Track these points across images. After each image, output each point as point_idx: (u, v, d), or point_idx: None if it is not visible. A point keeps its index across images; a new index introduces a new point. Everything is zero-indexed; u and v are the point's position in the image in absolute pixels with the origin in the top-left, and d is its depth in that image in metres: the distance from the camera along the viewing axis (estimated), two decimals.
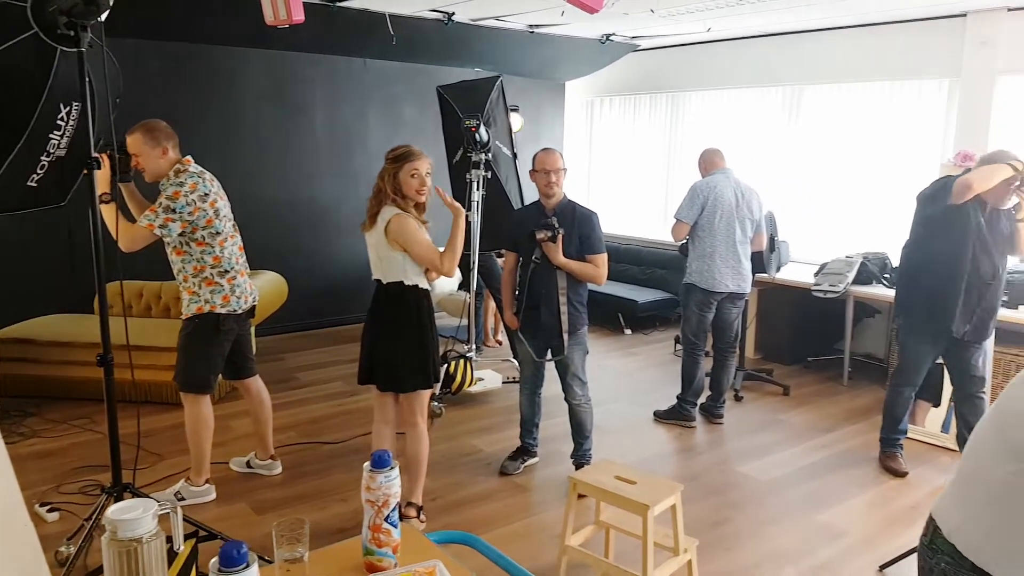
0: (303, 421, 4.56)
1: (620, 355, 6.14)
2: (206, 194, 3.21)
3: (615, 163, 7.98)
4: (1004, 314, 4.17)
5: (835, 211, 6.11)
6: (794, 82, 6.19)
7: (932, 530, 1.51)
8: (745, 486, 3.80)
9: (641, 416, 4.74)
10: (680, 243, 4.63)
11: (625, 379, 5.52)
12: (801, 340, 5.92)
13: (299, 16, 3.49)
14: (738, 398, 5.08)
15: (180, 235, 3.19)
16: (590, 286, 3.67)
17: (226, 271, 3.34)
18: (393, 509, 1.49)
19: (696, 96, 7.02)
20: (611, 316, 6.83)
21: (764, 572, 3.02)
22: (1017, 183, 3.33)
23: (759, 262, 4.91)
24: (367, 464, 1.49)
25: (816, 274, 5.43)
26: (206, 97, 5.86)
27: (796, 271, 5.81)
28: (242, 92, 6.03)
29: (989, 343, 3.84)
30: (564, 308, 3.54)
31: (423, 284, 3.17)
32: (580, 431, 3.80)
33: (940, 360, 3.90)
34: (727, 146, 6.73)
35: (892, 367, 4.71)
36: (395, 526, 1.50)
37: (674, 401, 4.69)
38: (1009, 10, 4.88)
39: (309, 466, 3.87)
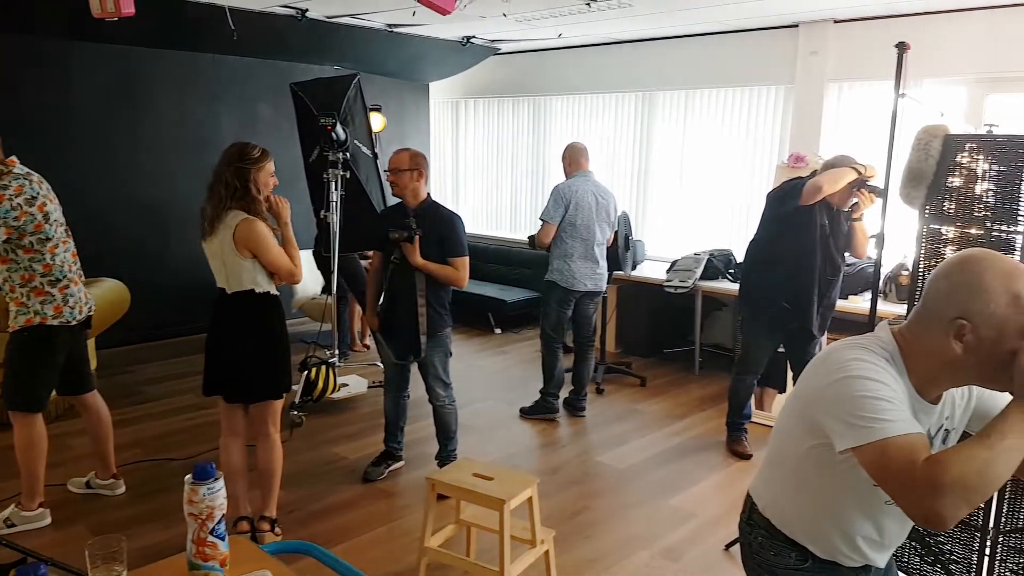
0: (149, 437, 4.29)
1: (490, 354, 6.19)
2: (33, 197, 2.98)
3: (482, 164, 8.04)
4: (838, 304, 4.53)
5: (685, 211, 6.45)
6: (647, 88, 6.48)
7: (749, 507, 1.61)
8: (604, 475, 3.92)
9: (508, 414, 4.80)
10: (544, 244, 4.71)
11: (494, 378, 5.57)
12: (657, 333, 6.20)
13: (128, 9, 3.26)
14: (599, 391, 5.25)
15: (5, 242, 2.95)
16: (454, 288, 3.65)
17: (57, 280, 3.10)
18: (219, 521, 1.43)
19: (557, 100, 7.20)
20: (481, 316, 6.88)
21: (619, 557, 3.13)
22: (859, 185, 3.62)
23: (615, 260, 5.11)
24: (188, 477, 1.43)
25: (668, 271, 5.70)
26: (42, 94, 5.40)
27: (651, 268, 6.08)
28: (82, 88, 5.60)
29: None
30: (422, 310, 3.51)
31: (273, 291, 3.05)
32: (445, 432, 3.79)
33: (781, 349, 4.19)
34: (588, 150, 7.01)
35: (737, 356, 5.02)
36: (222, 538, 1.44)
37: (538, 396, 4.79)
38: (836, 21, 5.32)
39: (155, 484, 3.64)
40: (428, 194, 3.63)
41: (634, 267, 5.93)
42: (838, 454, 1.31)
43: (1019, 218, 2.49)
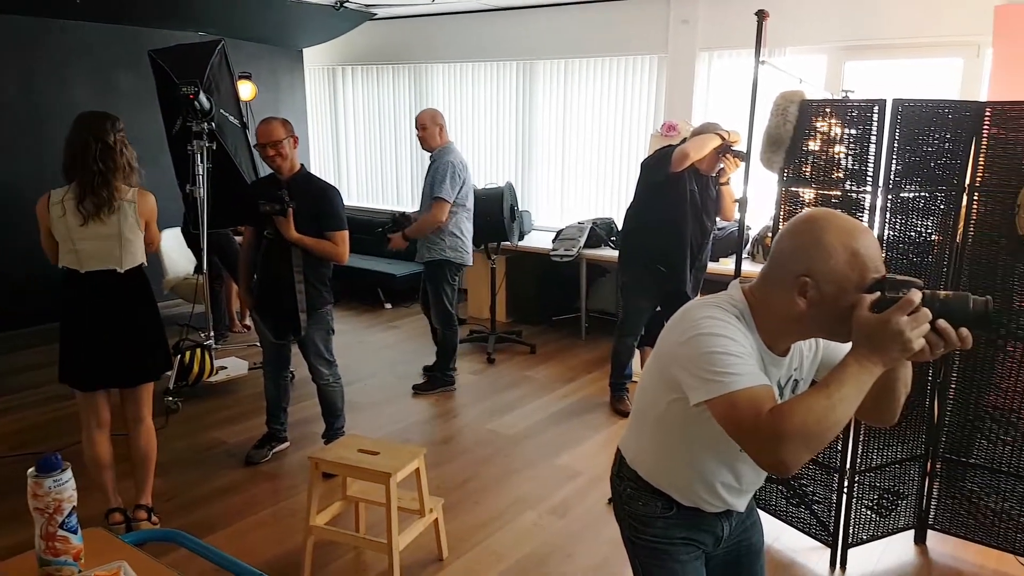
0: (8, 432, 3.98)
1: (380, 329, 6.09)
2: None
3: (363, 134, 7.83)
4: (709, 266, 4.73)
5: (569, 180, 6.54)
6: (527, 56, 6.48)
7: (619, 460, 1.67)
8: (494, 442, 3.96)
9: (399, 389, 4.75)
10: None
11: (385, 352, 5.48)
12: (546, 301, 6.30)
13: None
14: (491, 361, 5.28)
15: None
16: (336, 263, 3.53)
17: None
18: (69, 514, 1.33)
19: (438, 68, 7.09)
20: (370, 291, 6.75)
21: (507, 519, 3.18)
22: (723, 151, 3.76)
23: (501, 230, 5.13)
24: (31, 470, 1.32)
25: (554, 240, 5.78)
26: None
27: (538, 238, 6.15)
28: None
29: None
30: (300, 287, 3.39)
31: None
32: (331, 411, 3.70)
33: (660, 310, 4.33)
34: (470, 119, 6.97)
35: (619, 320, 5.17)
36: (74, 532, 1.35)
37: (432, 374, 4.78)
38: None
39: (16, 482, 3.36)
40: (301, 164, 3.49)
41: (521, 237, 5.99)
42: (693, 407, 1.36)
43: (868, 178, 2.67)
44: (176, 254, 5.64)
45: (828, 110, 2.79)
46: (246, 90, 5.70)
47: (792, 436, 1.21)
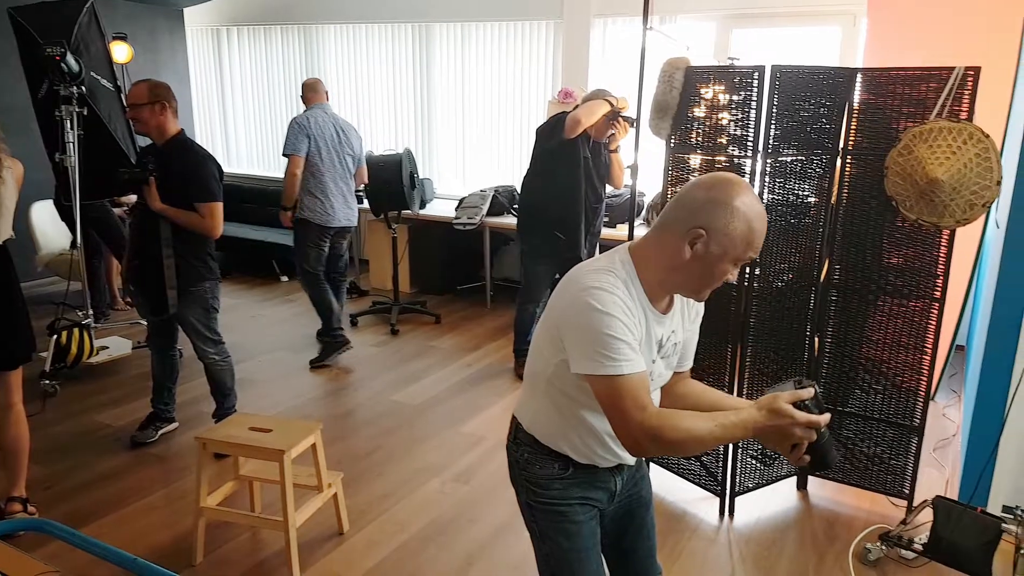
0: None
1: (275, 303, 5.91)
2: None
3: (252, 99, 7.49)
4: (605, 232, 4.82)
5: (470, 147, 6.48)
6: (423, 19, 6.33)
7: (515, 427, 1.68)
8: (398, 413, 3.93)
9: (295, 364, 4.63)
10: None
11: (281, 327, 5.33)
12: (450, 271, 6.26)
13: None
14: (394, 332, 5.22)
15: None
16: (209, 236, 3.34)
17: None
18: None
19: (330, 29, 6.84)
20: (264, 263, 6.52)
21: (411, 488, 3.17)
22: (613, 117, 3.81)
23: (398, 198, 5.04)
24: None
25: (456, 208, 5.74)
26: None
27: (441, 207, 6.09)
28: None
29: None
30: (168, 261, 3.19)
31: None
32: (220, 389, 3.55)
33: (559, 277, 4.39)
34: (366, 84, 6.78)
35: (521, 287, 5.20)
36: None
37: (323, 340, 4.71)
38: None
39: None
40: (181, 131, 3.28)
41: (423, 206, 5.91)
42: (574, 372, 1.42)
43: (749, 144, 2.75)
44: (50, 228, 5.27)
45: (711, 76, 2.85)
46: (121, 52, 5.34)
47: (667, 444, 1.36)
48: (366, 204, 5.11)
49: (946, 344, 4.14)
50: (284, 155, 4.44)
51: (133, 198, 3.53)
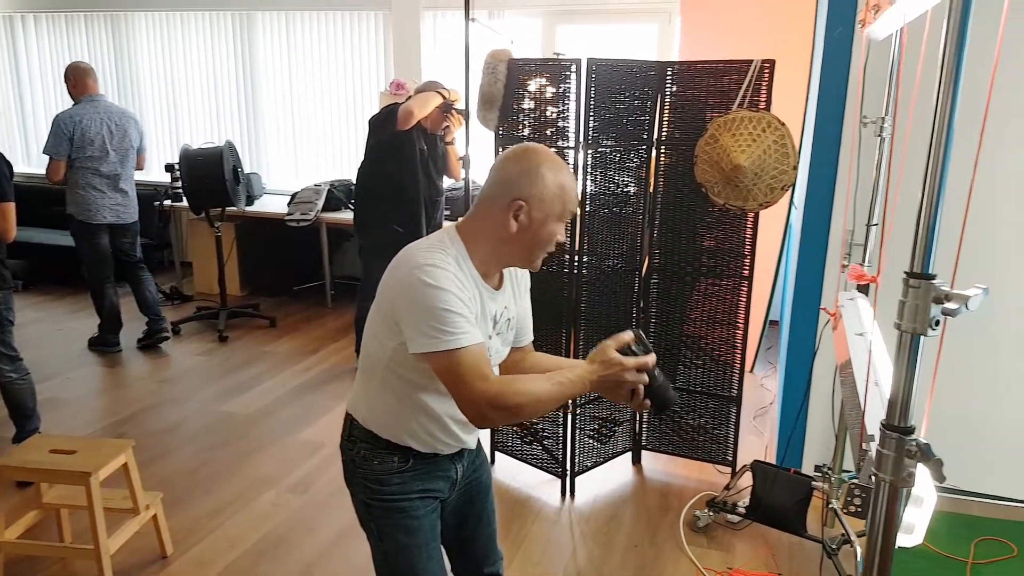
0: None
1: (87, 315, 5.36)
2: None
3: (54, 94, 6.78)
4: (446, 225, 4.80)
5: (301, 140, 6.24)
6: (243, 7, 6.00)
7: (349, 424, 1.61)
8: (227, 425, 3.70)
9: (111, 379, 4.25)
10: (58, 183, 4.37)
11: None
12: (285, 271, 6.00)
13: None
14: (223, 339, 4.92)
15: None
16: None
17: None
18: None
19: (140, 17, 6.32)
20: (72, 272, 5.91)
21: (243, 502, 3.00)
22: (446, 109, 3.78)
23: (223, 194, 4.76)
24: None
25: (289, 204, 5.49)
26: None
27: (273, 203, 5.81)
28: None
29: None
30: None
31: None
32: (20, 411, 3.19)
33: None
34: (183, 75, 6.34)
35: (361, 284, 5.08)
36: None
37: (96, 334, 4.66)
38: None
39: None
40: None
41: (251, 202, 5.61)
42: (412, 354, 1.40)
43: (569, 134, 2.83)
44: None
45: (533, 69, 2.90)
46: None
47: (509, 409, 1.37)
48: (185, 202, 4.80)
49: (759, 319, 4.49)
50: (44, 153, 4.25)
51: None
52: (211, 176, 4.70)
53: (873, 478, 0.95)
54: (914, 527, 1.19)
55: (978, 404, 2.95)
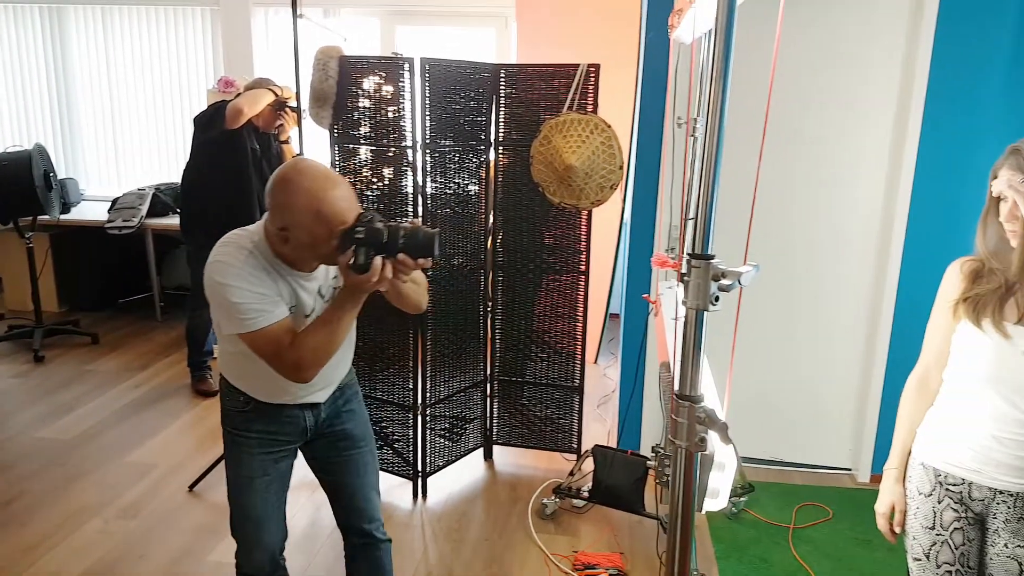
0: None
1: None
2: None
3: None
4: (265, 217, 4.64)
5: (122, 142, 5.80)
6: (51, 0, 5.50)
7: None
8: (45, 451, 3.38)
9: None
10: None
11: None
12: (108, 283, 5.56)
13: None
14: (39, 359, 4.48)
15: None
16: None
17: None
18: None
19: None
20: None
21: (65, 533, 2.75)
22: (279, 106, 3.64)
23: (35, 202, 4.34)
24: None
25: (109, 210, 5.09)
26: None
27: (91, 210, 5.36)
28: None
29: None
30: None
31: None
32: None
33: None
34: None
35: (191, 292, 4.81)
36: None
37: None
38: None
39: None
40: None
41: (67, 210, 5.16)
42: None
43: (406, 134, 2.82)
44: None
45: (364, 66, 2.87)
46: None
47: (308, 361, 1.58)
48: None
49: (600, 312, 4.71)
50: None
51: None
52: (19, 182, 4.28)
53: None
54: (719, 492, 1.30)
55: (794, 384, 3.26)
